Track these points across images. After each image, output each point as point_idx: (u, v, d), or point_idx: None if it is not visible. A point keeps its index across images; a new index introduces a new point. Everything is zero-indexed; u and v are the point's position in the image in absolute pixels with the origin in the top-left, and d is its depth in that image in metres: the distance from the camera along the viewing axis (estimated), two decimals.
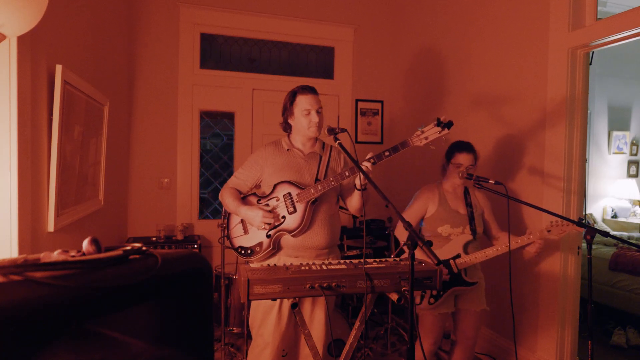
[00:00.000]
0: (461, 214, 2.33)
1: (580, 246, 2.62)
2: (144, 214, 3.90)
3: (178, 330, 0.59)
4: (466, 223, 2.32)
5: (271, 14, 4.19)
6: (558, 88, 2.58)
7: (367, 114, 4.58)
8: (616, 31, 2.26)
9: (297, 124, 2.09)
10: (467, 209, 2.35)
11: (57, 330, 0.47)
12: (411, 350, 1.46)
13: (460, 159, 2.31)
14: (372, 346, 3.19)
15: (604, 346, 3.30)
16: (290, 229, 2.02)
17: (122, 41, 3.56)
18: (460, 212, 2.34)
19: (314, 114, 2.04)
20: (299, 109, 2.06)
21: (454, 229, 2.30)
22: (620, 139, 5.51)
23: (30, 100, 1.67)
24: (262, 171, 2.13)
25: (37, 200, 1.77)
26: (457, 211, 2.33)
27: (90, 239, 0.53)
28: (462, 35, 3.45)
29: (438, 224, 2.31)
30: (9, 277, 0.44)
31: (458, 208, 2.35)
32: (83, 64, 2.38)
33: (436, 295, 2.24)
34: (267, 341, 2.03)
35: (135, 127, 3.87)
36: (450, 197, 2.37)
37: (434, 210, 2.33)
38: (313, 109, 2.05)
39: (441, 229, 2.29)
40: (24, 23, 1.30)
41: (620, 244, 4.02)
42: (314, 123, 2.04)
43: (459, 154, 2.32)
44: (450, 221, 2.31)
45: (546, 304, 2.67)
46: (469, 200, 2.38)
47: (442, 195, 2.37)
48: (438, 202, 2.34)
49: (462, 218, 2.32)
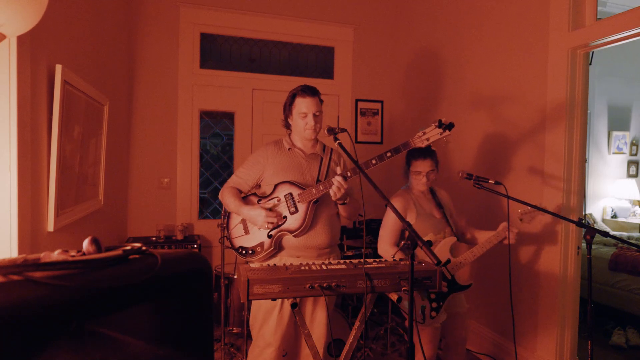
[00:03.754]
0: (437, 218, 2.28)
1: (580, 246, 2.62)
2: (144, 214, 3.90)
3: (178, 330, 0.59)
4: (445, 226, 2.27)
5: (271, 14, 4.19)
6: (558, 88, 2.58)
7: (367, 114, 4.58)
8: (616, 31, 2.26)
9: (294, 124, 2.12)
10: (440, 211, 2.30)
11: (57, 330, 0.47)
12: (411, 350, 1.46)
13: (417, 166, 2.22)
14: (372, 346, 3.19)
15: (603, 346, 3.30)
16: (291, 229, 2.02)
17: (122, 41, 3.56)
18: (436, 215, 2.28)
19: (310, 117, 2.05)
20: (297, 111, 2.07)
21: (436, 236, 2.23)
22: (620, 139, 5.51)
23: (30, 100, 1.67)
24: (263, 170, 2.13)
25: (37, 200, 1.77)
26: (433, 215, 2.27)
27: (91, 238, 0.53)
28: (462, 35, 3.45)
29: (421, 234, 2.19)
30: (8, 277, 0.44)
31: (432, 211, 2.29)
32: (83, 64, 2.38)
33: (436, 307, 2.16)
34: (268, 341, 2.03)
35: (135, 127, 3.87)
36: (422, 201, 2.30)
37: (413, 221, 2.21)
38: (310, 112, 2.05)
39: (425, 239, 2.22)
40: (24, 23, 1.30)
41: (620, 244, 4.02)
42: (309, 126, 2.06)
43: (415, 161, 2.22)
44: (432, 228, 2.23)
45: (546, 304, 2.67)
46: (438, 201, 2.33)
47: (416, 202, 2.28)
48: (415, 211, 2.24)
49: (440, 222, 2.27)
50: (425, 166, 2.21)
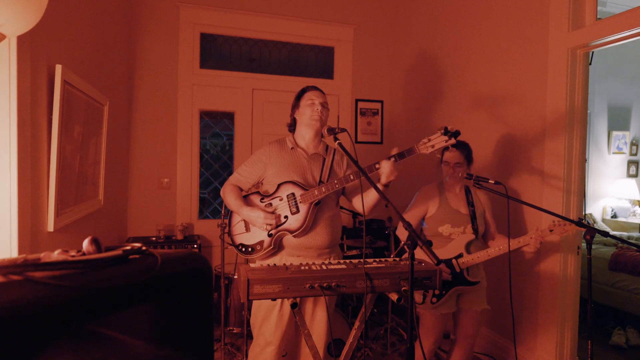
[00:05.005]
0: (463, 214, 2.32)
1: (580, 246, 2.62)
2: (144, 214, 3.90)
3: (178, 330, 0.59)
4: (467, 222, 2.31)
5: (271, 14, 4.19)
6: (558, 88, 2.58)
7: (367, 114, 4.57)
8: (616, 31, 2.26)
9: (301, 115, 2.15)
10: (469, 209, 2.34)
11: (57, 330, 0.47)
12: (411, 350, 1.46)
13: (446, 156, 2.32)
14: (372, 346, 3.19)
15: (603, 346, 3.30)
16: (292, 229, 2.02)
17: (122, 41, 3.56)
18: (462, 211, 2.33)
19: (317, 104, 2.11)
20: (305, 101, 2.14)
21: (454, 229, 2.30)
22: (620, 139, 5.51)
23: (30, 100, 1.67)
24: (265, 169, 2.14)
25: (37, 200, 1.77)
26: (459, 211, 2.33)
27: (91, 238, 0.53)
28: (462, 35, 3.45)
29: (438, 223, 2.31)
30: (8, 277, 0.44)
31: (459, 208, 2.34)
32: (83, 64, 2.38)
33: (438, 295, 2.24)
34: (269, 340, 2.03)
35: (135, 127, 3.87)
36: (451, 196, 2.37)
37: (434, 210, 2.33)
38: (317, 100, 2.12)
39: (442, 229, 2.29)
40: (24, 23, 1.30)
41: (619, 244, 4.02)
42: (316, 111, 2.10)
43: (446, 151, 2.32)
44: (451, 221, 2.30)
45: (546, 304, 2.67)
46: (470, 200, 2.37)
47: (443, 195, 2.36)
48: (439, 202, 2.34)
49: (464, 217, 2.31)
50: (453, 157, 2.30)
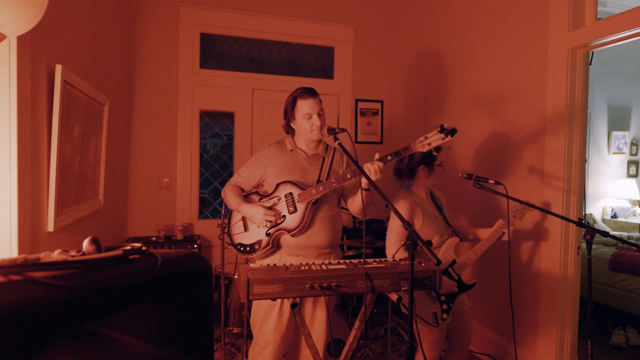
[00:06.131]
0: (439, 219, 2.26)
1: (580, 246, 2.62)
2: (144, 214, 3.90)
3: (178, 330, 0.59)
4: (446, 227, 2.26)
5: (271, 14, 4.19)
6: (558, 88, 2.58)
7: (367, 114, 4.57)
8: (616, 31, 2.26)
9: (299, 127, 2.10)
10: (439, 212, 2.28)
11: (57, 330, 0.47)
12: (411, 350, 1.46)
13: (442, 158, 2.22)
14: (372, 346, 3.19)
15: (603, 346, 3.30)
16: (289, 228, 2.02)
17: (122, 41, 3.56)
18: (437, 216, 2.26)
19: (315, 117, 2.05)
20: (300, 113, 2.06)
21: (442, 238, 2.22)
22: (620, 139, 5.51)
23: (30, 100, 1.67)
24: (265, 170, 2.14)
25: (37, 200, 1.77)
26: (436, 217, 2.25)
27: (91, 238, 0.53)
28: (462, 35, 3.45)
29: (428, 237, 2.13)
30: (8, 277, 0.44)
31: (434, 213, 2.26)
32: (83, 64, 2.38)
33: (447, 309, 2.15)
34: (268, 340, 2.03)
35: (135, 127, 3.87)
36: (424, 203, 2.26)
37: (419, 224, 2.18)
38: (314, 112, 2.05)
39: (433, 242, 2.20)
40: (24, 23, 1.30)
41: (619, 244, 4.02)
42: (316, 127, 2.05)
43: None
44: (438, 230, 2.22)
45: (546, 304, 2.67)
46: (437, 203, 2.31)
47: (421, 205, 2.23)
48: (421, 215, 2.19)
49: (442, 223, 2.25)
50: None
